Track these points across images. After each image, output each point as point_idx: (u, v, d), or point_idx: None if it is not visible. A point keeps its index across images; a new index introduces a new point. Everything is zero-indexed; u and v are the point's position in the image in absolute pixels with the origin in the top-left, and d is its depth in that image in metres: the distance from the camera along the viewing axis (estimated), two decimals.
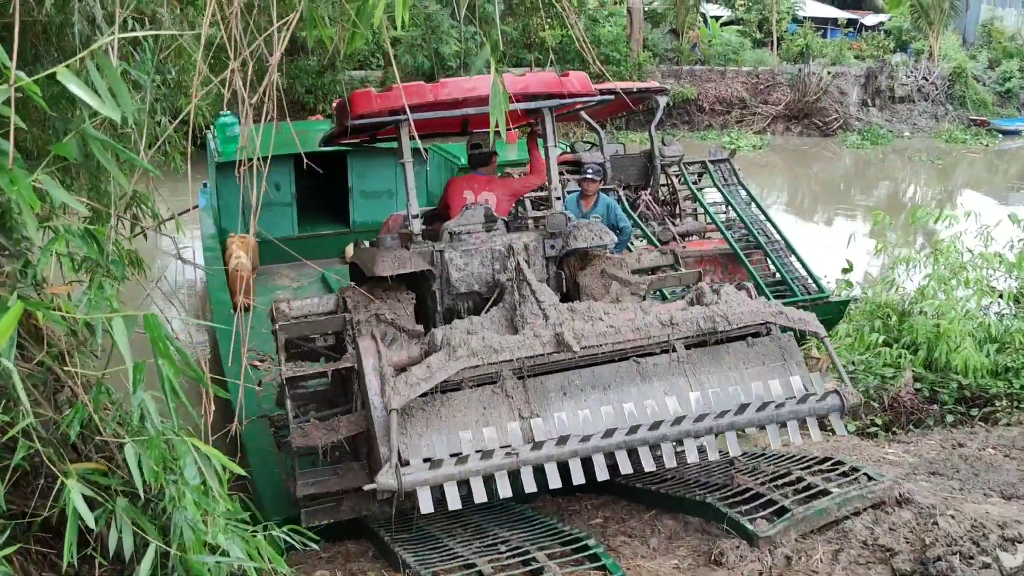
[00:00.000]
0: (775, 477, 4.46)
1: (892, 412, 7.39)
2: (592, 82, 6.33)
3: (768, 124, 26.83)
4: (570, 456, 4.06)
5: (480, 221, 5.57)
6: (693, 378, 4.49)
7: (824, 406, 4.39)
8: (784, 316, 4.59)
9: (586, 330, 4.27)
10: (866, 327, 8.69)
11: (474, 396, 4.30)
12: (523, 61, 27.19)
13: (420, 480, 3.91)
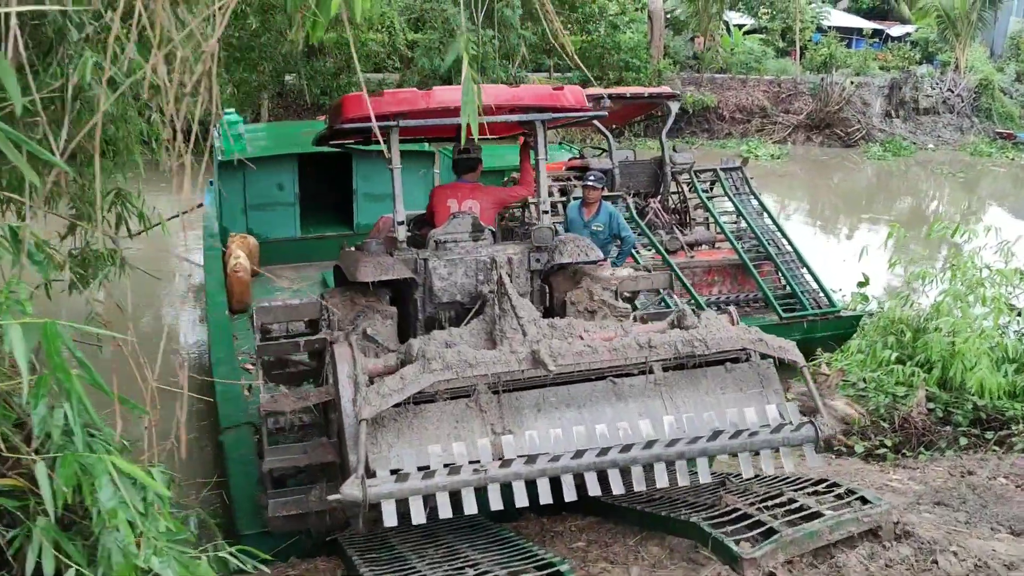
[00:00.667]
0: (766, 498, 4.19)
1: (902, 433, 7.08)
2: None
3: (789, 134, 26.46)
4: (538, 475, 3.98)
5: (467, 230, 5.47)
6: (669, 401, 4.42)
7: (798, 437, 4.30)
8: (763, 343, 4.50)
9: (563, 349, 4.21)
10: (879, 343, 8.38)
11: (447, 409, 4.21)
12: (543, 66, 27.01)
13: (385, 493, 3.80)
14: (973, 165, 24.79)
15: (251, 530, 5.17)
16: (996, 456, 5.61)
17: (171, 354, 9.54)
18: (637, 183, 10.30)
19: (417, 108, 5.23)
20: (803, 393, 7.81)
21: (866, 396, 7.77)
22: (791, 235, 9.71)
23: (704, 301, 9.06)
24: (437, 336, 4.60)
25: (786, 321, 8.67)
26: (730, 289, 9.38)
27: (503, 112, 5.51)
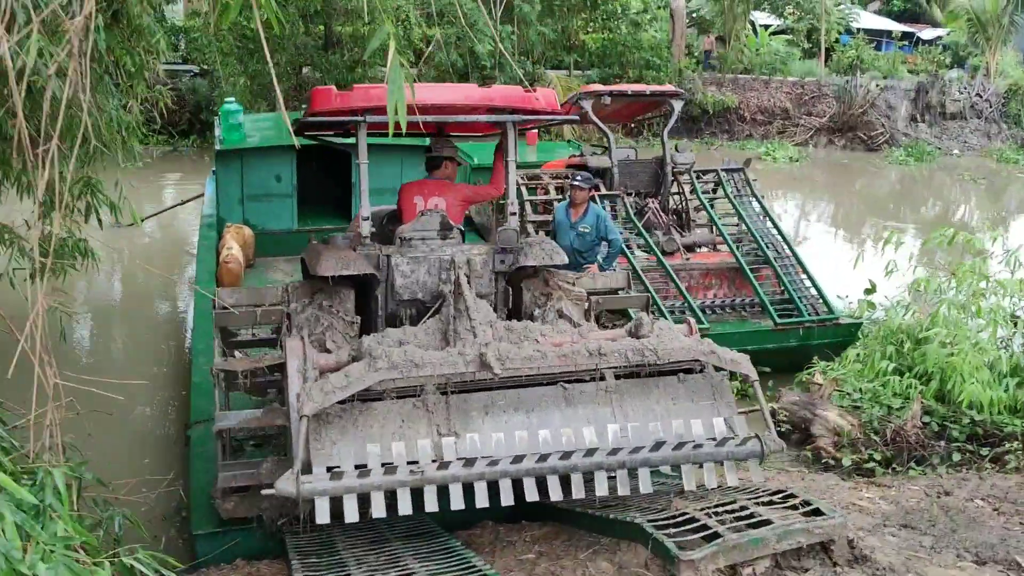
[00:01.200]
0: (719, 505, 3.99)
1: (894, 447, 6.82)
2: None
3: (811, 136, 26.07)
4: (476, 479, 3.97)
5: (436, 228, 5.48)
6: (618, 408, 4.42)
7: (743, 451, 4.30)
8: (716, 356, 4.49)
9: (512, 352, 4.22)
10: (878, 353, 8.12)
11: (395, 408, 4.21)
12: (562, 63, 26.81)
13: (319, 490, 3.82)
14: (998, 172, 24.26)
15: (203, 529, 5.04)
16: (977, 476, 5.35)
17: (163, 345, 9.48)
18: (637, 183, 10.08)
19: (385, 104, 5.09)
20: (794, 402, 7.60)
21: (860, 407, 7.52)
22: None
23: (699, 304, 8.84)
24: (391, 334, 4.61)
25: (781, 327, 8.42)
26: (727, 293, 9.14)
27: (477, 112, 5.49)
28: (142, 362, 9.00)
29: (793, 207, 19.80)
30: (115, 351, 9.50)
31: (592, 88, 10.07)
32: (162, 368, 8.72)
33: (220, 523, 5.07)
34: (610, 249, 7.86)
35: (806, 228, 17.73)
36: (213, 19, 3.90)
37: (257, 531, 5.01)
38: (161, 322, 10.49)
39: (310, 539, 4.72)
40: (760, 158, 23.76)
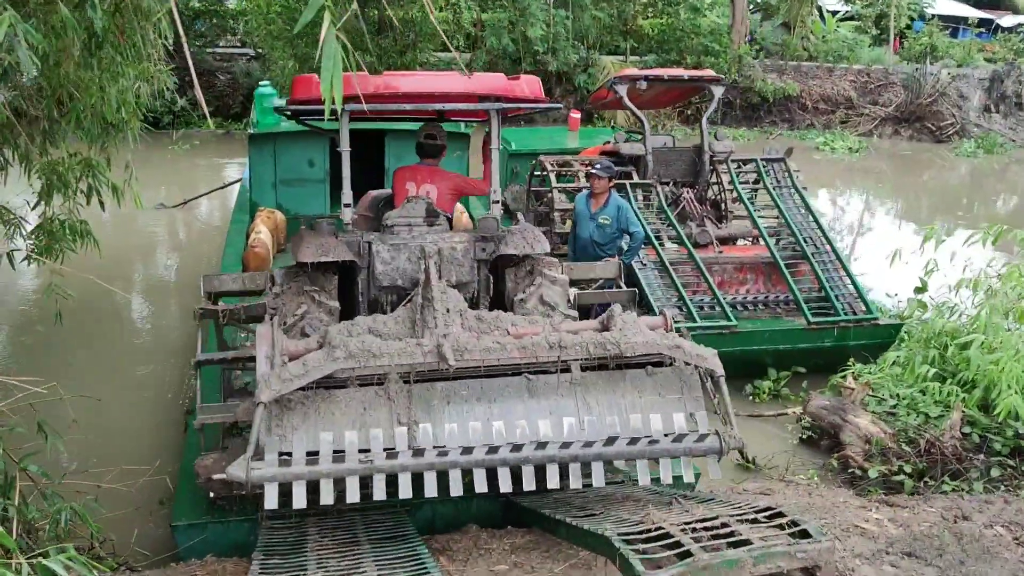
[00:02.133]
0: (700, 520, 3.67)
1: (928, 459, 6.37)
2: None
3: (875, 126, 25.07)
4: (426, 468, 3.98)
5: (421, 215, 5.51)
6: (582, 401, 4.37)
7: (700, 447, 4.24)
8: (681, 350, 4.40)
9: (470, 344, 4.21)
10: (918, 357, 7.63)
11: (357, 396, 4.22)
12: (618, 48, 26.30)
13: (268, 475, 3.87)
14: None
15: (182, 520, 4.91)
16: (1003, 499, 4.90)
17: (178, 329, 9.44)
18: (674, 171, 9.68)
19: (367, 92, 5.20)
20: (823, 407, 7.18)
21: (896, 415, 7.07)
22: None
23: (732, 300, 8.45)
24: (361, 322, 4.55)
25: (814, 326, 7.97)
26: (763, 288, 8.71)
27: (461, 100, 5.59)
28: (156, 347, 8.96)
29: (851, 200, 19.05)
30: (128, 334, 9.46)
31: (628, 73, 9.71)
32: (174, 352, 8.66)
33: (200, 515, 4.95)
34: (632, 242, 7.52)
35: (869, 222, 17.00)
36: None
37: (237, 523, 4.89)
38: (182, 306, 10.48)
39: (284, 536, 4.55)
40: (818, 148, 22.94)
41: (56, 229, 5.79)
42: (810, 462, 6.75)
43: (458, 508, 5.18)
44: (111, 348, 8.77)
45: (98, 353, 8.64)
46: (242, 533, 4.87)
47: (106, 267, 11.52)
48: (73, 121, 5.95)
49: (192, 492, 5.22)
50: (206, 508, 5.04)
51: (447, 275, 5.23)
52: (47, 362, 8.34)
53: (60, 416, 5.79)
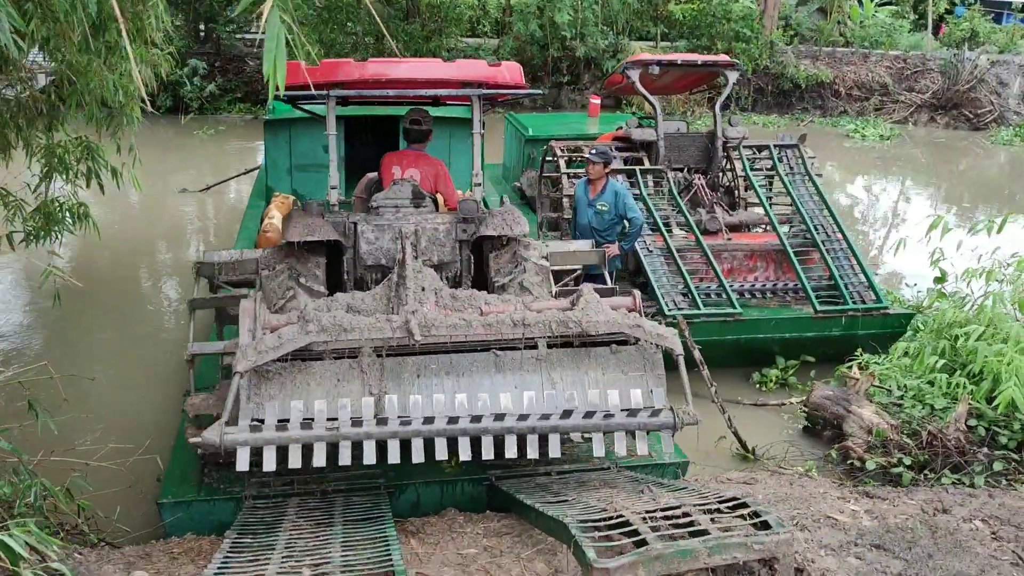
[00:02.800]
0: (663, 508, 3.62)
1: (930, 451, 6.24)
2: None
3: (911, 113, 24.54)
4: (390, 436, 4.19)
5: (408, 197, 5.80)
6: (546, 376, 4.56)
7: (655, 422, 4.41)
8: (642, 329, 4.58)
9: (438, 320, 4.40)
10: (928, 347, 7.47)
11: (331, 368, 4.44)
12: (648, 34, 26.04)
13: (239, 440, 4.10)
14: None
15: (168, 498, 4.97)
16: (987, 493, 4.78)
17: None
18: (687, 157, 9.56)
19: (351, 79, 5.64)
20: (827, 397, 7.07)
21: (900, 405, 6.94)
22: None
23: (740, 287, 8.35)
24: (340, 298, 4.81)
25: (822, 315, 7.84)
26: (773, 276, 8.59)
27: (444, 86, 5.87)
28: (159, 328, 9.06)
29: (883, 188, 18.69)
30: (135, 316, 9.56)
31: (640, 58, 9.59)
32: (180, 335, 8.75)
33: (187, 493, 5.01)
34: (630, 228, 7.45)
35: (900, 210, 16.65)
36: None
37: (223, 502, 4.94)
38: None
39: (263, 515, 4.59)
40: (848, 136, 22.52)
41: (54, 211, 5.86)
42: (810, 452, 6.66)
43: (443, 492, 5.19)
44: (114, 329, 8.90)
45: (101, 333, 8.78)
46: (227, 512, 4.91)
47: (125, 249, 11.74)
48: (73, 105, 6.03)
49: (182, 471, 5.29)
50: (193, 487, 5.11)
51: (429, 255, 5.53)
52: (59, 342, 8.50)
53: (72, 393, 5.92)
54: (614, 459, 5.46)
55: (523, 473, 5.23)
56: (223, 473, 5.19)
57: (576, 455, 5.60)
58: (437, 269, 5.60)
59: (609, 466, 5.38)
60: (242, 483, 5.16)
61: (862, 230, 14.88)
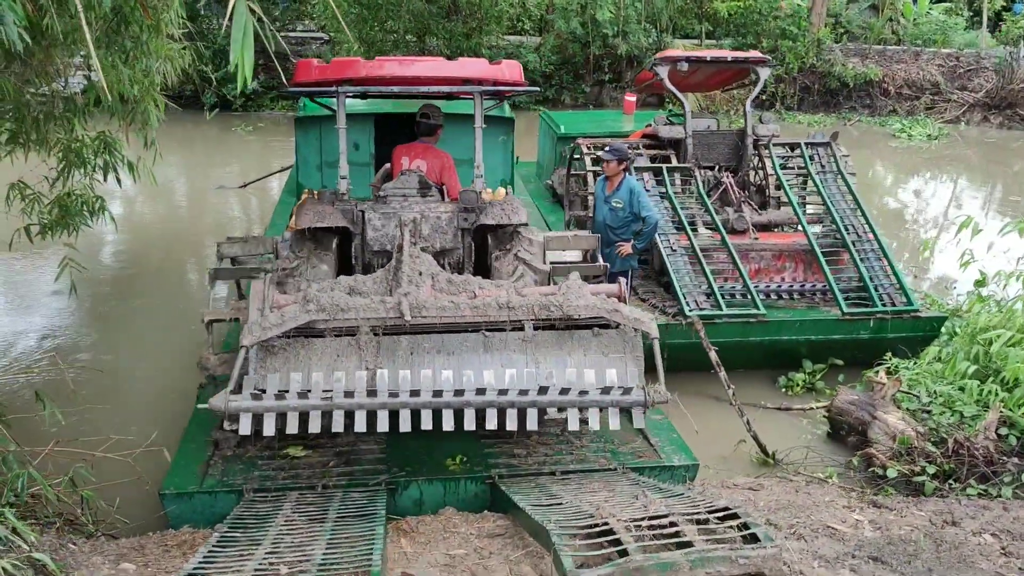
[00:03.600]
0: (651, 517, 3.51)
1: (956, 460, 6.02)
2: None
3: (963, 112, 23.86)
4: (379, 407, 4.50)
5: (415, 187, 6.11)
6: (531, 356, 4.85)
7: (626, 400, 4.64)
8: (619, 314, 4.83)
9: (428, 303, 4.73)
10: (960, 352, 7.22)
11: (332, 345, 4.78)
12: (692, 32, 25.73)
13: (243, 407, 4.44)
14: None
15: (171, 489, 4.98)
16: (1002, 505, 4.56)
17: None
18: (717, 155, 9.37)
19: (359, 76, 5.95)
20: (852, 402, 6.87)
21: (929, 411, 6.71)
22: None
23: (768, 288, 8.16)
24: (343, 281, 5.15)
25: (849, 317, 7.62)
26: (802, 277, 8.37)
27: (448, 83, 6.25)
28: (177, 322, 9.14)
29: (929, 189, 18.18)
30: (163, 307, 9.66)
31: (668, 54, 9.43)
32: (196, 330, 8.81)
33: (189, 484, 5.03)
34: (644, 227, 7.31)
35: (945, 211, 16.16)
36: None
37: (224, 494, 4.95)
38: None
39: (258, 510, 4.58)
40: (894, 135, 21.97)
41: (71, 204, 5.92)
42: (831, 459, 6.46)
43: (446, 489, 5.15)
44: (135, 322, 9.00)
45: (118, 326, 8.89)
46: (229, 504, 4.92)
47: (162, 242, 11.91)
48: (91, 101, 6.09)
49: (186, 463, 5.31)
50: (196, 478, 5.12)
51: (432, 241, 5.92)
52: (82, 332, 8.63)
53: (92, 383, 5.97)
54: (620, 460, 5.39)
55: (526, 472, 5.17)
56: (228, 464, 5.27)
57: (583, 456, 5.54)
58: (440, 255, 5.96)
59: (615, 467, 5.29)
60: (246, 475, 5.18)
61: (911, 230, 14.49)
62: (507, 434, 5.58)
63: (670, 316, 7.53)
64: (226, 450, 5.45)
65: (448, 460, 5.44)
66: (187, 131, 19.57)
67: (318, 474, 5.21)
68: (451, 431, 4.68)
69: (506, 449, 5.55)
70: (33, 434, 5.33)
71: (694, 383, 7.39)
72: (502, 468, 5.27)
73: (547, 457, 5.46)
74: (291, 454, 5.55)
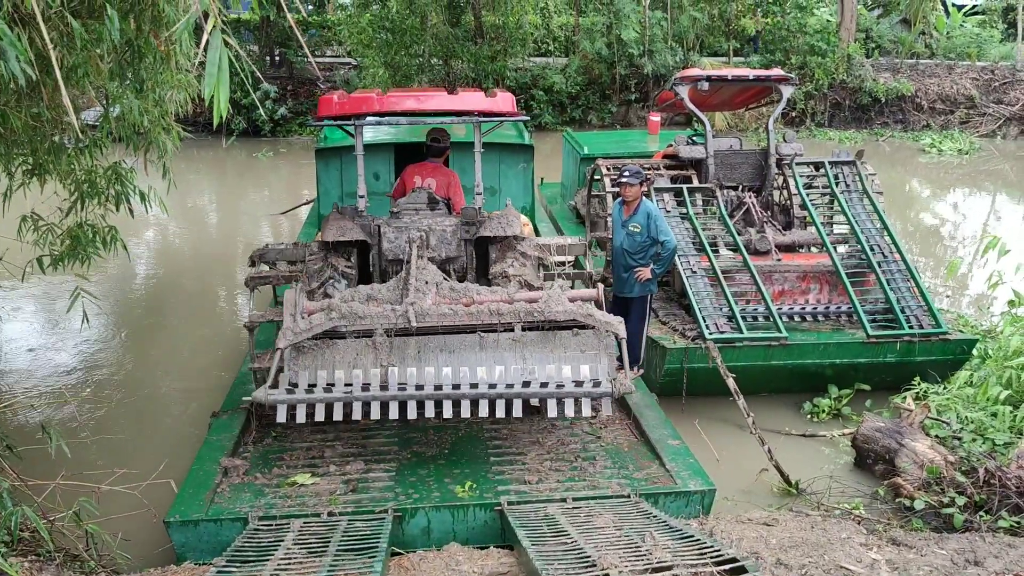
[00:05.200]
0: (653, 568, 3.37)
1: (987, 490, 5.77)
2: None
3: (999, 126, 23.43)
4: (390, 399, 5.33)
5: (424, 202, 6.88)
6: (519, 354, 5.61)
7: (595, 391, 5.43)
8: (593, 317, 5.52)
9: (430, 310, 5.46)
10: (992, 377, 6.97)
11: (352, 345, 5.55)
12: (719, 50, 25.58)
13: (280, 399, 5.27)
14: None
15: (175, 517, 4.93)
16: None
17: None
18: (739, 175, 9.21)
19: (372, 109, 6.77)
20: (878, 429, 6.65)
21: (960, 440, 6.47)
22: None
23: (790, 311, 7.97)
24: (362, 290, 5.80)
25: (874, 340, 7.40)
26: (827, 299, 8.16)
27: (449, 114, 6.99)
28: (204, 352, 9.15)
29: (995, 205, 17.67)
30: (180, 339, 9.69)
31: (688, 73, 9.31)
32: (219, 357, 8.82)
33: (194, 512, 4.97)
34: (662, 252, 7.16)
35: (995, 229, 15.77)
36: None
37: (230, 522, 4.91)
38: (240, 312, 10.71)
39: (260, 540, 4.50)
40: (924, 150, 21.59)
41: (83, 235, 5.94)
42: (856, 489, 6.24)
43: (454, 517, 5.07)
44: (155, 348, 9.02)
45: (138, 353, 8.92)
46: (234, 532, 4.88)
47: (183, 271, 11.98)
48: (104, 133, 6.12)
49: (194, 492, 5.26)
50: (201, 506, 5.07)
51: (439, 251, 6.63)
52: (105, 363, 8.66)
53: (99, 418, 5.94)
54: (635, 487, 5.29)
55: (536, 499, 5.08)
56: (235, 492, 5.35)
57: (596, 482, 5.52)
58: (446, 263, 6.68)
59: (628, 494, 5.17)
60: (252, 503, 5.14)
61: (949, 247, 14.17)
62: (518, 459, 5.83)
63: (690, 339, 7.37)
64: (234, 478, 5.52)
65: (458, 488, 5.37)
66: (218, 156, 19.80)
67: (325, 502, 5.19)
68: (460, 458, 5.55)
69: (517, 476, 5.56)
70: (45, 465, 5.31)
71: (717, 409, 7.21)
72: (512, 495, 5.21)
73: (558, 484, 5.47)
74: (299, 482, 5.51)
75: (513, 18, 20.40)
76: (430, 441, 6.13)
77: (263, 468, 5.70)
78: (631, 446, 6.14)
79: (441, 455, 5.91)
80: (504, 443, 6.10)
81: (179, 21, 5.88)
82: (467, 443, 6.11)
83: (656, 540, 3.78)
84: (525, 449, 5.98)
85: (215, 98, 2.69)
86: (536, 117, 22.59)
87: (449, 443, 6.11)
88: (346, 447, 6.01)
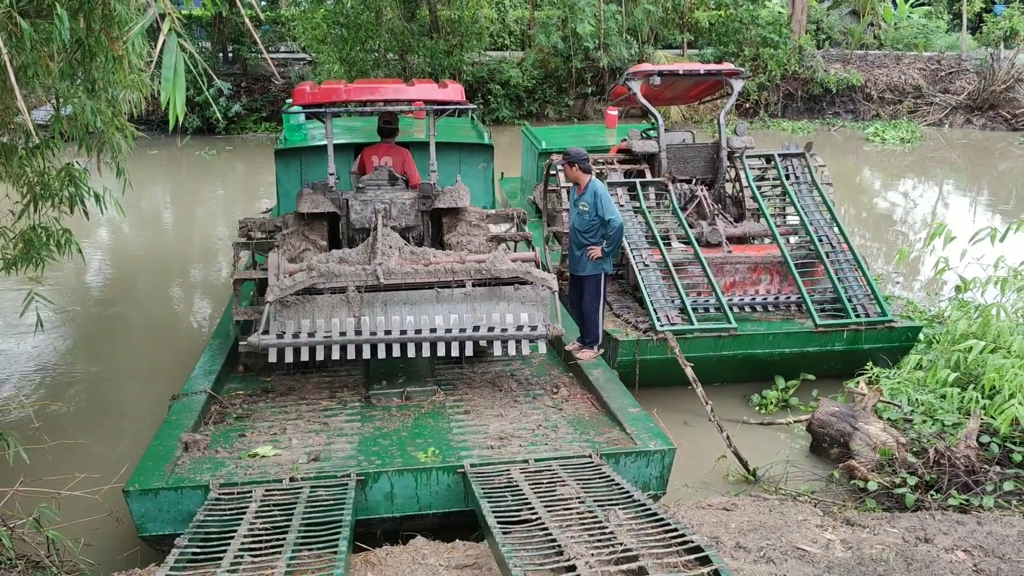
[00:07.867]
0: (619, 555, 3.46)
1: (937, 470, 5.97)
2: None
3: (946, 115, 23.96)
4: (362, 343, 6.30)
5: (385, 179, 7.77)
6: (470, 305, 6.55)
7: (531, 334, 6.49)
8: (531, 274, 6.52)
9: (396, 269, 6.45)
10: (940, 361, 7.19)
11: (328, 300, 6.42)
12: (674, 43, 25.81)
13: (271, 343, 6.22)
14: None
15: (135, 486, 4.92)
16: (975, 519, 4.51)
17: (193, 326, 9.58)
18: (692, 168, 9.36)
19: (340, 99, 7.66)
20: (833, 413, 6.82)
21: (911, 420, 6.67)
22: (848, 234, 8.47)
23: (740, 301, 8.13)
24: (336, 253, 6.74)
25: (822, 329, 7.59)
26: (777, 289, 8.35)
27: (409, 103, 7.96)
28: (162, 352, 9.09)
29: (943, 192, 18.06)
30: (137, 340, 9.62)
31: (641, 68, 9.43)
32: (177, 357, 8.78)
33: (153, 481, 5.00)
34: (607, 231, 7.17)
35: (943, 215, 16.16)
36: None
37: (190, 491, 4.93)
38: (208, 311, 10.63)
39: (224, 510, 4.53)
40: (868, 139, 22.03)
41: (36, 238, 5.88)
42: (813, 473, 6.41)
43: (417, 481, 5.16)
44: (107, 354, 8.94)
45: (96, 352, 8.84)
46: (195, 501, 4.88)
47: (140, 271, 11.86)
48: (56, 133, 6.05)
49: (154, 464, 5.24)
50: (161, 476, 5.07)
51: (399, 221, 7.45)
52: (62, 370, 8.56)
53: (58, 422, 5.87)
54: (596, 447, 5.56)
55: (499, 461, 5.23)
56: (196, 464, 5.41)
57: (559, 447, 5.71)
58: (406, 231, 7.48)
59: (590, 454, 5.30)
60: (213, 472, 5.23)
61: (900, 234, 14.49)
62: (481, 428, 6.11)
63: (642, 332, 7.50)
64: (195, 452, 5.60)
65: (421, 454, 5.55)
66: (173, 155, 19.56)
67: (287, 471, 5.27)
68: (423, 431, 6.02)
69: (479, 442, 5.79)
70: (2, 472, 5.27)
71: (670, 399, 7.34)
72: (475, 458, 5.39)
73: (521, 447, 5.70)
74: (260, 453, 5.56)
75: (469, 12, 20.42)
76: (392, 417, 6.28)
77: (224, 444, 5.80)
78: (592, 416, 6.38)
79: (404, 428, 6.10)
80: (467, 416, 6.32)
81: (131, 19, 5.90)
82: (430, 417, 6.29)
83: (620, 518, 3.87)
84: (488, 422, 6.19)
85: (171, 102, 2.72)
86: (493, 111, 22.61)
87: (412, 419, 6.26)
88: (308, 424, 6.18)
